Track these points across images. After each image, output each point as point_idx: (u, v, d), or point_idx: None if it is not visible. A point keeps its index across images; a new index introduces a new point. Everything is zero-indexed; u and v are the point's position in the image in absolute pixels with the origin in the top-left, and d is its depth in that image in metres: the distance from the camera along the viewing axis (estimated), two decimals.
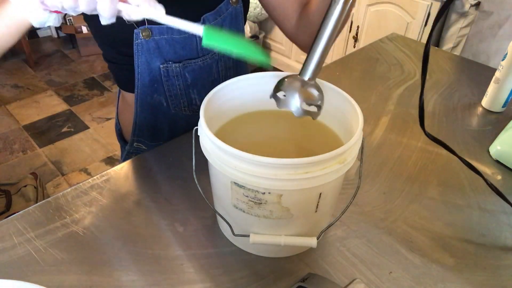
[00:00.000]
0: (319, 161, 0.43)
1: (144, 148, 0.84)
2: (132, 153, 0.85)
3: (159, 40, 0.69)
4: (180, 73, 0.74)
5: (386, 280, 0.54)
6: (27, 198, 1.62)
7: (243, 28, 0.80)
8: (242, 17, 0.78)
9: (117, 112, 0.91)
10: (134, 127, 0.80)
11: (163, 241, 0.57)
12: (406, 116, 0.86)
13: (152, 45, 0.69)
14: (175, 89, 0.76)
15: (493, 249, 0.59)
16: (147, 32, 0.67)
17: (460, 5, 1.84)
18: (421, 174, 0.71)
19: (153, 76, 0.73)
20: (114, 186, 0.66)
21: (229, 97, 0.58)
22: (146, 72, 0.72)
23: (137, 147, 0.84)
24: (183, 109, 0.79)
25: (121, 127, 0.90)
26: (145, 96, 0.75)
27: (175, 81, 0.75)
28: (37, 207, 0.61)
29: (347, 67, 1.05)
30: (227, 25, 0.75)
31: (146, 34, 0.67)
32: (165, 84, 0.74)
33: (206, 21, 0.71)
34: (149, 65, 0.71)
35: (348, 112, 0.54)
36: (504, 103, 0.88)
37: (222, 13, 0.73)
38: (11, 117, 2.39)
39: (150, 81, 0.73)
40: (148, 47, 0.69)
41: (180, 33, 0.69)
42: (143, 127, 0.80)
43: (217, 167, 0.46)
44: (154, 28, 0.67)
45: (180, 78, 0.75)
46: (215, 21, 0.72)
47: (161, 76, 0.73)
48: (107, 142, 2.22)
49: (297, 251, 0.57)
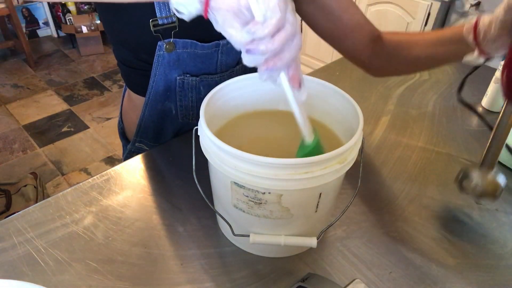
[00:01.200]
0: (319, 161, 0.43)
1: (146, 148, 0.84)
2: (133, 152, 0.84)
3: (181, 53, 0.67)
4: (195, 86, 0.73)
5: (386, 280, 0.54)
6: (27, 198, 1.62)
7: None
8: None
9: (121, 111, 0.90)
10: (138, 128, 0.80)
11: (163, 241, 0.57)
12: (406, 116, 0.86)
13: (173, 57, 0.67)
14: (187, 100, 0.75)
15: (493, 249, 0.59)
16: (171, 46, 0.65)
17: (460, 5, 1.84)
18: (421, 174, 0.71)
19: (167, 86, 0.72)
20: (114, 186, 0.66)
21: (229, 97, 0.58)
22: (162, 82, 0.71)
23: (139, 147, 0.83)
24: (191, 120, 0.79)
25: (124, 126, 0.90)
26: (155, 103, 0.74)
27: (189, 93, 0.74)
28: (37, 207, 0.61)
29: (347, 67, 1.05)
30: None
31: (170, 48, 0.65)
32: (178, 94, 0.73)
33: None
34: (166, 76, 0.70)
35: (348, 112, 0.54)
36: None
37: None
38: (11, 117, 2.39)
39: (164, 90, 0.72)
40: (169, 60, 0.67)
41: (203, 49, 0.68)
42: (148, 129, 0.80)
43: (217, 167, 0.46)
44: (178, 42, 0.66)
45: (194, 90, 0.74)
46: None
47: (176, 86, 0.72)
48: (107, 142, 2.22)
49: (297, 251, 0.57)
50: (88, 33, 3.00)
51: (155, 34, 0.63)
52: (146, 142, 0.82)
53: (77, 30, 2.99)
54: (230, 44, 0.71)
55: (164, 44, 0.65)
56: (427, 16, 1.91)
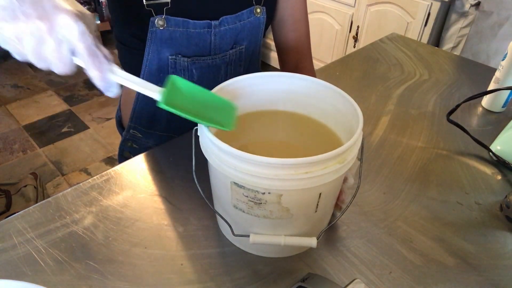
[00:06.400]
0: (319, 161, 0.43)
1: (139, 135, 0.84)
2: (128, 139, 0.85)
3: (174, 32, 0.69)
4: (188, 68, 0.74)
5: (386, 280, 0.54)
6: (27, 198, 1.62)
7: (261, 39, 0.80)
8: (262, 28, 0.78)
9: (120, 100, 0.91)
10: (132, 113, 0.80)
11: (163, 241, 0.57)
12: (406, 116, 0.86)
13: (166, 35, 0.69)
14: None
15: (493, 249, 0.59)
16: (162, 21, 0.67)
17: (460, 5, 1.84)
18: (421, 174, 0.71)
19: (160, 66, 0.73)
20: (114, 186, 0.66)
21: (229, 97, 0.58)
22: (155, 60, 0.72)
23: (133, 134, 0.84)
24: None
25: (122, 115, 0.91)
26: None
27: (181, 75, 0.75)
28: (37, 207, 0.61)
29: (347, 67, 1.05)
30: (246, 32, 0.76)
31: (161, 24, 0.67)
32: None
33: (225, 22, 0.71)
34: (159, 54, 0.71)
35: (348, 112, 0.54)
36: (504, 103, 0.88)
37: (243, 20, 0.73)
38: (11, 117, 2.39)
39: (157, 70, 0.73)
40: (162, 37, 0.69)
41: (195, 27, 0.69)
42: (142, 114, 0.81)
43: (217, 167, 0.46)
44: (170, 19, 0.67)
45: (186, 72, 0.75)
46: (234, 25, 0.73)
47: (168, 67, 0.73)
48: (107, 142, 2.22)
49: (297, 251, 0.57)
50: None
51: (147, 8, 0.65)
52: (140, 129, 0.83)
53: None
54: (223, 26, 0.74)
55: (156, 19, 0.66)
56: (427, 16, 1.91)
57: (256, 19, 0.75)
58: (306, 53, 0.86)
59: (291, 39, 0.84)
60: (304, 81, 0.59)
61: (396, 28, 2.04)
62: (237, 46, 0.77)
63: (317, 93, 0.58)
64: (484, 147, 0.76)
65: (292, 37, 0.84)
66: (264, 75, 0.59)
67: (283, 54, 0.87)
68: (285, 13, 0.82)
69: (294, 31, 0.84)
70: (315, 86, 0.58)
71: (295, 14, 0.82)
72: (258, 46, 0.81)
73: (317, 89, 0.58)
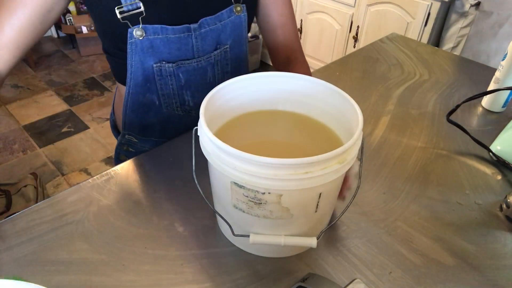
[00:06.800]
0: (319, 161, 0.43)
1: (135, 140, 0.84)
2: (124, 144, 0.85)
3: (154, 40, 0.68)
4: (174, 73, 0.73)
5: (386, 280, 0.54)
6: (27, 198, 1.62)
7: (246, 36, 0.80)
8: (245, 26, 0.77)
9: (113, 103, 0.91)
10: (124, 122, 0.80)
11: (163, 241, 0.57)
12: (406, 116, 0.86)
13: (146, 44, 0.68)
14: (168, 88, 0.75)
15: (493, 249, 0.59)
16: (140, 31, 0.66)
17: (460, 5, 1.84)
18: (421, 174, 0.71)
19: (146, 76, 0.72)
20: (114, 186, 0.66)
21: (229, 97, 0.58)
22: (140, 71, 0.71)
23: (129, 139, 0.84)
24: (175, 109, 0.79)
25: (115, 119, 0.90)
26: (137, 96, 0.75)
27: (168, 81, 0.74)
28: (37, 207, 0.61)
29: (347, 67, 1.05)
30: (228, 32, 0.75)
31: (140, 34, 0.66)
32: (158, 82, 0.74)
33: (205, 24, 0.71)
34: (143, 64, 0.70)
35: (348, 112, 0.54)
36: (504, 103, 0.88)
37: (223, 19, 0.73)
38: (11, 117, 2.39)
39: (143, 81, 0.73)
40: (142, 47, 0.68)
41: (175, 32, 0.69)
42: (133, 124, 0.80)
43: (217, 167, 0.46)
44: (148, 28, 0.67)
45: (173, 78, 0.74)
46: (214, 26, 0.72)
47: (154, 75, 0.73)
48: (107, 142, 2.22)
49: (297, 251, 0.57)
50: (88, 33, 3.00)
51: (122, 21, 0.64)
52: (135, 135, 0.83)
53: (77, 30, 3.00)
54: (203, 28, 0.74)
55: (133, 30, 0.66)
56: (427, 16, 1.91)
57: (237, 17, 0.74)
58: (297, 48, 0.86)
59: (281, 40, 0.84)
60: (304, 81, 0.59)
61: (396, 28, 2.04)
62: (221, 47, 0.76)
63: (317, 93, 0.58)
64: (484, 147, 0.76)
65: (282, 39, 0.84)
66: (264, 75, 0.59)
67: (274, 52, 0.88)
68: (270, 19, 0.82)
69: (283, 34, 0.84)
70: (315, 86, 0.58)
71: (281, 19, 0.82)
72: (243, 44, 0.80)
73: (317, 89, 0.58)
